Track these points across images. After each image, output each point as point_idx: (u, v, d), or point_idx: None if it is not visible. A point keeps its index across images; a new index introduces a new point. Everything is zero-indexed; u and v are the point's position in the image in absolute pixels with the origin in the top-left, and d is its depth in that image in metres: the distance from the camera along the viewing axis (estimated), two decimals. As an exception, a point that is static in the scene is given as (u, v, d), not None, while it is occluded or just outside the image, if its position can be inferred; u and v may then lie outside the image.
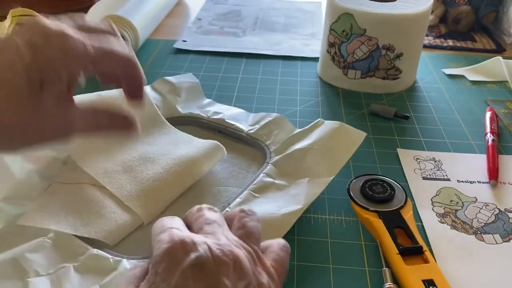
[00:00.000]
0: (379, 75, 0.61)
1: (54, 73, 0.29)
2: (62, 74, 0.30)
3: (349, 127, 0.45)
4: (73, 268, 0.34)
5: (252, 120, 0.51)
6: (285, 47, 0.75)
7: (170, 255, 0.25)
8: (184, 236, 0.26)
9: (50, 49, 0.29)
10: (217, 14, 0.90)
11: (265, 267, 0.27)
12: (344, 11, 0.58)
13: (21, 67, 0.28)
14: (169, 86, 0.55)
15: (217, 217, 0.29)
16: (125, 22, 0.66)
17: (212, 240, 0.26)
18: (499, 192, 0.44)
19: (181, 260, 0.24)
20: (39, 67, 0.29)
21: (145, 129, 0.48)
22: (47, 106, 0.30)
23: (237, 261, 0.25)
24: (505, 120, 0.56)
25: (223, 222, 0.29)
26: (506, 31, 0.78)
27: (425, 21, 0.60)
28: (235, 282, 0.24)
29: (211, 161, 0.44)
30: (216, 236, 0.27)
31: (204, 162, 0.44)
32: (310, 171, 0.42)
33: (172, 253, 0.25)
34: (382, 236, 0.37)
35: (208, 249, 0.25)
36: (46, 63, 0.29)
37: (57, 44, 0.29)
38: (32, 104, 0.29)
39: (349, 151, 0.43)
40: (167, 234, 0.26)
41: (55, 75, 0.29)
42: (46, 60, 0.29)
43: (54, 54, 0.29)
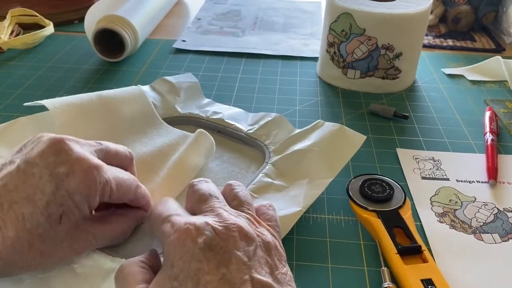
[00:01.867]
0: (378, 74, 0.61)
1: (74, 206, 0.30)
2: (83, 206, 0.30)
3: (349, 130, 0.45)
4: (72, 269, 0.34)
5: (251, 120, 0.51)
6: (284, 47, 0.75)
7: (179, 245, 0.26)
8: (185, 222, 0.27)
9: (73, 183, 0.29)
10: (217, 14, 0.90)
11: (264, 227, 0.29)
12: (344, 11, 0.58)
13: (43, 201, 0.28)
14: (168, 86, 0.55)
15: (211, 188, 0.31)
16: (125, 22, 0.66)
17: (212, 218, 0.28)
18: (498, 192, 0.44)
19: (190, 247, 0.25)
20: (60, 201, 0.29)
21: (142, 130, 0.48)
22: (63, 234, 0.30)
23: (241, 230, 0.27)
24: (504, 119, 0.56)
25: (219, 193, 0.31)
26: (506, 31, 0.78)
27: (425, 21, 0.60)
28: (245, 250, 0.26)
29: (201, 154, 0.44)
30: (216, 212, 0.28)
31: (196, 156, 0.44)
32: (309, 172, 0.42)
33: (180, 243, 0.26)
34: (381, 235, 0.37)
35: (212, 229, 0.26)
36: (68, 197, 0.29)
37: (81, 178, 0.29)
38: (49, 235, 0.29)
39: (348, 154, 0.43)
40: (169, 225, 0.27)
41: (75, 208, 0.30)
42: (68, 194, 0.29)
43: (77, 188, 0.29)
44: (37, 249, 0.29)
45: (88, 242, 0.32)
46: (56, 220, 0.29)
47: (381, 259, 0.36)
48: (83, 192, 0.30)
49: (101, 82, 0.63)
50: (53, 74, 0.66)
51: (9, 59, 0.70)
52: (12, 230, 0.28)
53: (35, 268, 0.31)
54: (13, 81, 0.64)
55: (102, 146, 0.34)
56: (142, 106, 0.49)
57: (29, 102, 0.47)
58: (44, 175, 0.29)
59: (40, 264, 0.31)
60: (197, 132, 0.45)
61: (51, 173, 0.29)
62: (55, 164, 0.29)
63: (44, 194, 0.29)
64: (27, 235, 0.28)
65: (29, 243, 0.29)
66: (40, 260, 0.30)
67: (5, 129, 0.47)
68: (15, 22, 0.79)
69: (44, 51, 0.73)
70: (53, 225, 0.29)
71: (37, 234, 0.29)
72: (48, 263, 0.31)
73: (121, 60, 0.69)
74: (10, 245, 0.28)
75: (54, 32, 0.78)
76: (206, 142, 0.45)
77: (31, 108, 0.48)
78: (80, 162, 0.30)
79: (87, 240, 0.32)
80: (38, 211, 0.29)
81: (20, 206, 0.28)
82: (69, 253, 0.31)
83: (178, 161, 0.43)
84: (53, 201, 0.29)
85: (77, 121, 0.45)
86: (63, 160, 0.29)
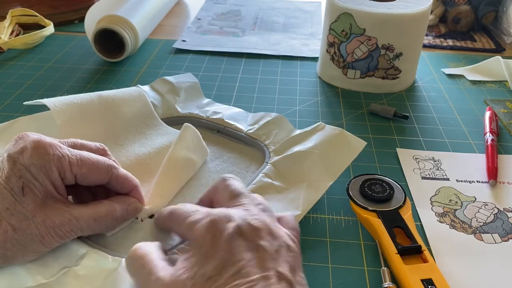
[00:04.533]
0: (378, 74, 0.61)
1: (33, 178, 0.32)
2: (41, 178, 0.33)
3: (349, 135, 0.45)
4: (74, 271, 0.34)
5: (251, 120, 0.51)
6: (284, 47, 0.75)
7: (212, 229, 0.28)
8: (218, 211, 0.30)
9: (26, 157, 0.32)
10: (217, 14, 0.90)
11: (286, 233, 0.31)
12: (344, 11, 0.58)
13: (3, 177, 0.32)
14: (168, 86, 0.55)
15: (241, 186, 0.34)
16: (125, 22, 0.66)
17: (242, 211, 0.30)
18: (498, 192, 0.44)
19: (223, 231, 0.28)
20: (18, 174, 0.32)
21: (141, 131, 0.48)
22: (33, 208, 0.32)
23: (269, 227, 0.29)
24: (504, 119, 0.56)
25: (247, 192, 0.34)
26: (506, 31, 0.78)
27: (425, 21, 0.60)
28: (271, 244, 0.28)
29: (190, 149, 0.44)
30: (245, 206, 0.31)
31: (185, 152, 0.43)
32: (309, 174, 0.42)
33: (212, 226, 0.29)
34: (381, 235, 0.37)
35: (242, 219, 0.29)
36: (25, 169, 0.32)
37: (33, 151, 0.33)
38: (17, 208, 0.32)
39: (348, 159, 0.43)
40: (199, 214, 0.30)
41: (35, 180, 0.32)
42: (24, 167, 0.32)
43: (31, 160, 0.32)
44: (7, 223, 0.31)
45: (69, 222, 0.33)
46: (19, 192, 0.32)
47: (381, 259, 0.36)
48: (37, 163, 0.32)
49: (101, 82, 0.63)
50: (53, 74, 0.66)
51: (9, 59, 0.70)
52: None
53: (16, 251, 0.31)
54: (13, 81, 0.64)
55: (69, 140, 0.37)
56: (142, 107, 0.49)
57: (29, 101, 0.47)
58: (4, 158, 0.33)
59: (16, 240, 0.31)
60: (183, 126, 0.45)
61: (8, 155, 0.33)
62: (13, 148, 0.33)
63: (3, 172, 0.32)
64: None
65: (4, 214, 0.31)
66: (14, 235, 0.31)
67: (5, 129, 0.47)
68: (15, 22, 0.79)
69: (44, 51, 0.73)
70: (18, 198, 0.32)
71: (4, 208, 0.31)
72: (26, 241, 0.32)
73: (121, 60, 0.69)
74: None
75: (54, 32, 0.78)
76: (193, 136, 0.45)
77: (31, 108, 0.48)
78: (33, 140, 0.33)
79: (66, 219, 0.33)
80: (1, 186, 0.32)
81: None
82: (45, 231, 0.32)
83: (169, 158, 0.43)
84: (12, 175, 0.32)
85: (77, 121, 0.45)
86: (20, 143, 0.33)
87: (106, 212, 0.36)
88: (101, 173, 0.36)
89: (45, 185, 0.33)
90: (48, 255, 0.34)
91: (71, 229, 0.33)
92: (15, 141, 0.34)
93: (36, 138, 0.34)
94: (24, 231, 0.31)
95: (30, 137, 0.34)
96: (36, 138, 0.33)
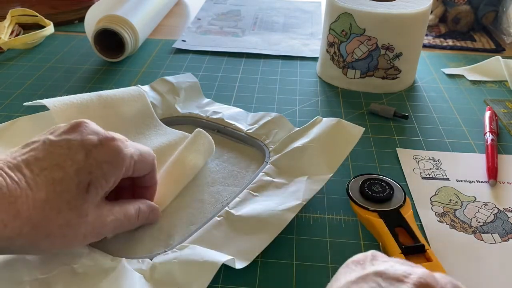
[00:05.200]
0: (378, 74, 0.61)
1: (102, 176, 0.30)
2: (109, 177, 0.31)
3: (347, 123, 0.45)
4: (72, 269, 0.34)
5: (251, 120, 0.51)
6: (284, 47, 0.75)
7: None
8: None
9: (102, 152, 0.30)
10: (217, 14, 0.90)
11: None
12: (344, 11, 0.58)
13: (73, 168, 0.29)
14: (168, 86, 0.55)
15: None
16: (125, 22, 0.66)
17: None
18: (498, 192, 0.44)
19: None
20: (89, 169, 0.30)
21: (141, 131, 0.48)
22: (89, 207, 0.30)
23: None
24: (504, 119, 0.56)
25: None
26: (506, 31, 0.78)
27: (425, 21, 0.60)
28: None
29: (200, 153, 0.44)
30: None
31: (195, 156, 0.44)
32: (309, 168, 0.42)
33: None
34: (383, 235, 0.37)
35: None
36: (97, 165, 0.30)
37: (109, 148, 0.31)
38: (76, 204, 0.30)
39: (347, 147, 0.43)
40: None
41: (102, 178, 0.30)
42: (97, 162, 0.30)
43: (106, 158, 0.31)
44: (64, 218, 0.29)
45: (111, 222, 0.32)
46: (84, 188, 0.30)
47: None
48: (111, 160, 0.31)
49: (101, 82, 0.63)
50: (53, 74, 0.66)
51: (9, 59, 0.70)
52: (43, 191, 0.28)
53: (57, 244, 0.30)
54: (13, 81, 0.64)
55: None
56: (142, 107, 0.49)
57: (29, 102, 0.47)
58: (74, 145, 0.30)
59: (65, 237, 0.30)
60: (195, 131, 0.45)
61: (82, 145, 0.30)
62: (85, 138, 0.30)
63: (74, 162, 0.29)
64: (57, 198, 0.29)
65: (58, 208, 0.29)
66: (66, 231, 0.29)
67: (5, 129, 0.47)
68: (15, 22, 0.79)
69: (44, 51, 0.73)
70: (81, 193, 0.30)
71: (65, 200, 0.29)
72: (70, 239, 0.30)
73: (121, 60, 0.69)
74: (40, 207, 0.28)
75: (54, 32, 0.78)
76: (205, 141, 0.45)
77: (31, 108, 0.48)
78: (107, 135, 0.31)
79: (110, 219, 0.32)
80: (68, 177, 0.29)
81: (51, 172, 0.29)
82: (90, 231, 0.31)
83: (177, 161, 0.43)
84: (82, 168, 0.29)
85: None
86: (87, 132, 0.31)
87: (135, 212, 0.35)
88: (149, 165, 0.35)
89: (109, 185, 0.32)
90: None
91: (108, 230, 0.33)
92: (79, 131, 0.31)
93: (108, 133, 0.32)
94: (75, 228, 0.30)
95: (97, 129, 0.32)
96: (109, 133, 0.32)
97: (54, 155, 0.29)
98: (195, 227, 0.38)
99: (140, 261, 0.34)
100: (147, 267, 0.34)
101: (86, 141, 0.30)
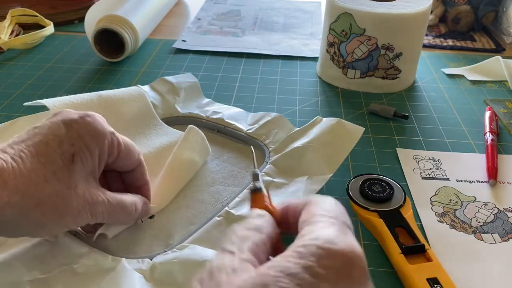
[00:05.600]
0: (378, 74, 0.61)
1: (84, 146, 0.32)
2: (92, 148, 0.32)
3: (347, 123, 0.45)
4: (72, 269, 0.34)
5: (251, 120, 0.51)
6: (284, 47, 0.75)
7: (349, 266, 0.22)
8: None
9: (82, 126, 0.32)
10: (217, 14, 0.90)
11: None
12: (344, 11, 0.58)
13: (56, 141, 0.31)
14: (168, 85, 0.55)
15: None
16: (125, 22, 0.66)
17: None
18: (498, 192, 0.44)
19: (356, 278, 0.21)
20: (71, 141, 0.31)
21: (141, 131, 0.48)
22: (77, 178, 0.31)
23: None
24: (504, 119, 0.56)
25: None
26: (506, 31, 0.78)
27: (425, 21, 0.60)
28: None
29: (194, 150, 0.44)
30: None
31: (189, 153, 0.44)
32: (309, 169, 0.42)
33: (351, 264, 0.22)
34: (384, 235, 0.37)
35: None
36: (78, 137, 0.32)
37: (89, 121, 0.33)
38: (63, 175, 0.31)
39: (347, 147, 0.43)
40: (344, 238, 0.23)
41: (85, 148, 0.32)
42: (77, 135, 0.32)
43: (86, 129, 0.32)
44: (52, 187, 0.30)
45: (103, 203, 0.33)
46: (69, 159, 0.31)
47: (254, 162, 0.34)
48: (92, 132, 0.32)
49: (101, 82, 0.63)
50: (53, 74, 0.66)
51: (9, 59, 0.70)
52: (28, 163, 0.30)
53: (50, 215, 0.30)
54: (13, 81, 0.64)
55: None
56: (142, 107, 0.49)
57: (29, 102, 0.47)
58: (55, 122, 0.32)
59: (55, 206, 0.30)
60: (188, 128, 0.45)
61: (62, 121, 0.32)
62: (65, 116, 0.33)
63: (56, 136, 0.31)
64: (42, 168, 0.30)
65: (45, 177, 0.30)
66: (56, 201, 0.30)
67: (5, 129, 0.47)
68: (15, 22, 0.79)
69: (44, 51, 0.73)
70: (67, 164, 0.31)
71: (52, 171, 0.30)
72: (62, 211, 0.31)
73: (121, 60, 0.69)
74: (26, 175, 0.29)
75: (54, 32, 0.78)
76: (197, 137, 0.45)
77: (31, 108, 0.48)
78: (87, 112, 0.33)
79: (101, 198, 0.33)
80: (52, 149, 0.31)
81: (35, 147, 0.30)
82: (82, 205, 0.32)
83: (173, 159, 0.43)
84: (64, 140, 0.31)
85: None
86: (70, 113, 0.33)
87: (131, 203, 0.36)
88: (135, 156, 0.37)
89: (94, 158, 0.33)
90: (47, 252, 0.35)
91: (102, 211, 0.33)
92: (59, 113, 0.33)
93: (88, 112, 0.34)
94: (66, 199, 0.31)
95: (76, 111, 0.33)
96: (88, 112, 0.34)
97: (38, 135, 0.31)
98: (195, 227, 0.38)
99: (140, 261, 0.34)
100: (147, 267, 0.34)
101: (66, 118, 0.32)
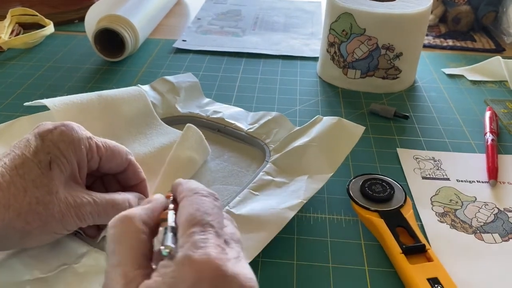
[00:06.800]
0: (378, 74, 0.61)
1: (60, 153, 0.33)
2: (67, 154, 0.33)
3: (347, 122, 0.45)
4: (73, 268, 0.34)
5: (251, 119, 0.51)
6: (285, 47, 0.75)
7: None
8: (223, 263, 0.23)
9: (56, 135, 0.33)
10: (217, 14, 0.90)
11: None
12: (344, 11, 0.58)
13: (32, 152, 0.32)
14: (168, 85, 0.55)
15: None
16: (125, 22, 0.66)
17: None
18: (498, 192, 0.44)
19: None
20: (46, 150, 0.32)
21: (141, 130, 0.48)
22: (57, 184, 0.32)
23: None
24: (504, 119, 0.56)
25: None
26: (506, 31, 0.78)
27: (425, 21, 0.60)
28: None
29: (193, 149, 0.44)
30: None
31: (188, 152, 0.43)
32: (310, 168, 0.42)
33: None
34: (384, 235, 0.37)
35: None
36: (53, 146, 0.33)
37: (62, 131, 0.33)
38: (42, 182, 0.31)
39: (348, 146, 0.43)
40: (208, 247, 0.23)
41: (61, 155, 0.33)
42: (53, 143, 0.33)
43: (60, 138, 0.33)
44: (32, 195, 0.31)
45: (89, 204, 0.33)
46: (46, 166, 0.32)
47: None
48: (66, 140, 0.33)
49: (101, 82, 0.63)
50: (53, 74, 0.66)
51: (9, 59, 0.70)
52: (7, 175, 0.31)
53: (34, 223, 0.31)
54: (13, 80, 0.64)
55: None
56: (142, 107, 0.49)
57: (29, 101, 0.47)
58: (32, 136, 0.33)
59: (37, 214, 0.31)
60: (185, 127, 0.45)
61: (38, 133, 0.33)
62: (40, 129, 0.33)
63: (32, 147, 0.32)
64: (21, 180, 0.31)
65: (24, 188, 0.31)
66: (37, 207, 0.31)
67: (5, 129, 0.47)
68: (16, 22, 0.79)
69: (44, 51, 0.73)
70: (45, 172, 0.32)
71: (30, 180, 0.31)
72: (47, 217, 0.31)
73: (121, 60, 0.69)
74: (5, 188, 0.30)
75: (54, 31, 0.78)
76: (196, 135, 0.45)
77: (31, 108, 0.48)
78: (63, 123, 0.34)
79: (86, 200, 0.33)
80: (28, 160, 0.32)
81: (13, 161, 0.32)
82: (66, 209, 0.32)
83: (172, 159, 0.43)
84: (40, 150, 0.32)
85: (76, 121, 0.44)
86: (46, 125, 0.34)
87: (123, 200, 0.36)
88: (121, 158, 0.37)
89: (72, 164, 0.33)
90: (47, 252, 0.35)
91: (90, 212, 0.33)
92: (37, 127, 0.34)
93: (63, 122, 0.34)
94: (46, 205, 0.31)
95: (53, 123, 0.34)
96: (64, 122, 0.34)
97: (16, 148, 0.32)
98: (196, 227, 0.38)
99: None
100: (148, 266, 0.34)
101: (41, 130, 0.33)
